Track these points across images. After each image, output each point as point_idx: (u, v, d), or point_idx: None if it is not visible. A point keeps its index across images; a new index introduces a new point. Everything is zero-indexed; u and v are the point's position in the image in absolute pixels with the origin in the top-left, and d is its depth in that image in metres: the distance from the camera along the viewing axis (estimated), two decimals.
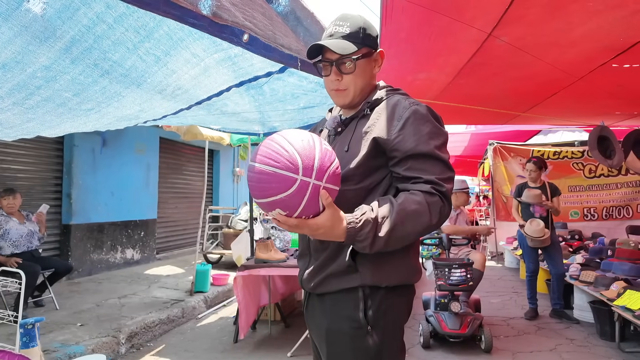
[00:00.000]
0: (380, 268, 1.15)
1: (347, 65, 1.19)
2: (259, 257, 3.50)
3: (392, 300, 1.17)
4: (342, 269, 1.16)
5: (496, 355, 3.40)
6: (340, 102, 1.26)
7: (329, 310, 1.20)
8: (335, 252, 1.17)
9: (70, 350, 3.08)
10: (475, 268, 3.75)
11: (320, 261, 1.20)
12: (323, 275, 1.19)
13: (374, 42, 1.23)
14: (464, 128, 8.60)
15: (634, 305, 3.22)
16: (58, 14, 1.49)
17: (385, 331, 1.16)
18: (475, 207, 11.59)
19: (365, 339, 1.14)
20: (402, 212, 1.05)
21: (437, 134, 1.15)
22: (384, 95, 1.24)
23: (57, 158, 5.64)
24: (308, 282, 1.24)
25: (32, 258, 4.22)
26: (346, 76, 1.21)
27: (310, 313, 1.29)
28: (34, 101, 2.18)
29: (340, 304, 1.17)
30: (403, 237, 1.07)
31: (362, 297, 1.15)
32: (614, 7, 2.11)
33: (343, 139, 1.24)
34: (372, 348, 1.14)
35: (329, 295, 1.20)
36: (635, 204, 6.36)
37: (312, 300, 1.28)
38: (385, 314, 1.16)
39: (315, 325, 1.27)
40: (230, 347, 3.58)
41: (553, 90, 3.60)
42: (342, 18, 1.22)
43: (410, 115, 1.14)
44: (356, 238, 1.05)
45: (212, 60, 2.02)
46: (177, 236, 8.27)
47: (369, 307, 1.15)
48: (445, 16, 2.33)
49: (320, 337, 1.24)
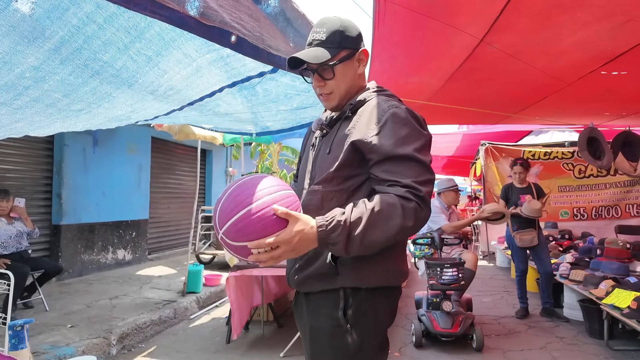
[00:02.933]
0: (361, 271, 1.16)
1: (326, 72, 1.21)
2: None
3: (373, 301, 1.19)
4: (323, 271, 1.18)
5: (487, 354, 3.43)
6: (329, 105, 1.29)
7: (312, 308, 1.24)
8: (314, 253, 1.18)
9: (60, 352, 3.05)
10: (467, 267, 3.78)
11: (304, 261, 1.23)
12: (305, 275, 1.22)
13: (354, 42, 1.23)
14: (456, 128, 8.65)
15: (622, 303, 3.27)
16: (47, 14, 1.47)
17: (365, 331, 1.17)
18: (467, 207, 11.68)
19: (344, 338, 1.16)
20: (374, 214, 1.04)
21: (415, 136, 1.14)
22: (367, 96, 1.24)
23: (47, 157, 5.57)
24: (292, 280, 1.28)
25: (21, 259, 4.17)
26: (328, 81, 1.23)
27: (299, 311, 1.33)
28: (23, 102, 2.16)
29: (322, 302, 1.21)
30: (377, 240, 1.05)
31: (342, 297, 1.18)
32: (602, 19, 2.15)
33: (327, 140, 1.26)
34: (351, 346, 1.16)
35: (313, 295, 1.24)
36: (624, 204, 6.45)
37: (300, 298, 1.31)
38: (366, 313, 1.18)
39: (302, 323, 1.31)
40: (222, 348, 3.57)
41: (544, 95, 3.65)
42: (319, 24, 1.23)
43: (388, 117, 1.14)
44: (328, 241, 1.05)
45: (204, 60, 2.01)
46: (169, 236, 8.22)
47: (350, 306, 1.17)
48: (437, 21, 2.35)
49: (304, 334, 1.28)
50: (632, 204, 6.39)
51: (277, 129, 4.07)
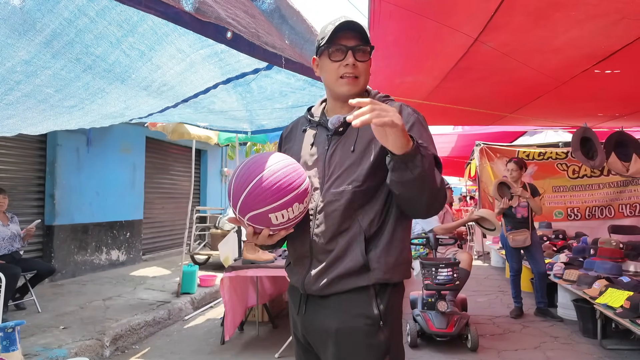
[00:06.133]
0: (389, 265, 1.17)
1: (364, 53, 1.22)
2: (247, 257, 3.47)
3: (396, 295, 1.22)
4: (355, 269, 1.16)
5: (482, 354, 3.44)
6: (350, 90, 1.22)
7: (338, 310, 1.18)
8: (343, 251, 1.16)
9: (52, 354, 3.01)
10: (462, 267, 3.78)
11: (328, 262, 1.18)
12: (332, 276, 1.17)
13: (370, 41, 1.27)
14: (451, 129, 8.69)
15: (615, 303, 3.28)
16: (38, 6, 1.45)
17: (393, 326, 1.20)
18: (462, 207, 11.72)
19: (378, 335, 1.16)
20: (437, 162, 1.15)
21: (433, 141, 1.24)
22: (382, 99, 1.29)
23: (39, 157, 5.51)
24: (313, 285, 1.20)
25: (12, 260, 4.11)
26: (360, 64, 1.22)
27: (311, 316, 1.24)
28: (14, 97, 2.13)
29: (352, 302, 1.17)
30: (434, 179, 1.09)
31: (374, 294, 1.17)
32: (596, 17, 2.17)
33: (346, 139, 1.23)
34: (384, 343, 1.16)
35: (335, 296, 1.18)
36: (617, 204, 6.50)
37: (313, 302, 1.24)
38: (393, 309, 1.20)
39: (317, 328, 1.23)
40: (217, 349, 3.54)
41: (538, 94, 3.67)
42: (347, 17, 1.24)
43: (415, 121, 1.22)
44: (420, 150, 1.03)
45: (198, 56, 2.00)
46: (164, 237, 8.16)
47: (379, 303, 1.17)
48: (432, 21, 2.35)
49: (326, 338, 1.20)
50: (625, 204, 6.44)
51: (273, 127, 4.06)
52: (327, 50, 1.22)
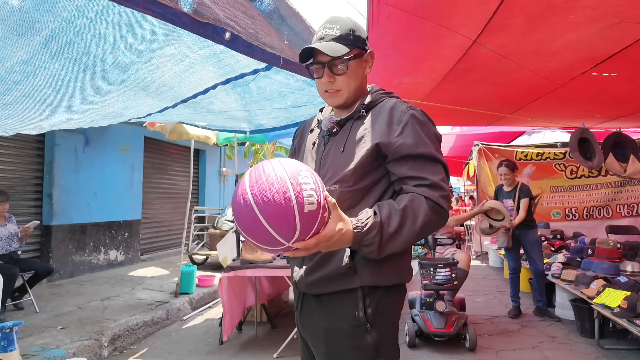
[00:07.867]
0: (378, 269, 1.16)
1: (339, 66, 1.20)
2: (245, 257, 3.47)
3: (388, 299, 1.19)
4: (341, 271, 1.16)
5: (480, 354, 3.44)
6: (334, 102, 1.26)
7: (328, 309, 1.20)
8: (326, 253, 1.16)
9: (50, 354, 3.00)
10: (460, 267, 3.79)
11: (315, 261, 1.19)
12: (319, 276, 1.18)
13: (364, 43, 1.25)
14: (450, 129, 8.69)
15: (612, 302, 3.30)
16: (36, 7, 1.45)
17: (383, 329, 1.18)
18: (460, 207, 11.75)
19: (365, 337, 1.15)
20: (404, 214, 1.08)
21: (435, 137, 1.20)
22: (378, 97, 1.26)
23: (37, 157, 5.50)
24: (302, 282, 1.23)
25: (10, 260, 4.11)
26: (339, 77, 1.22)
27: (306, 313, 1.27)
28: (13, 97, 2.12)
29: (340, 303, 1.18)
30: (408, 239, 1.09)
31: (361, 297, 1.16)
32: (593, 20, 2.18)
33: (338, 140, 1.24)
34: (371, 346, 1.15)
35: (326, 296, 1.20)
36: (615, 204, 6.53)
37: (308, 300, 1.26)
38: (383, 312, 1.18)
39: (311, 326, 1.25)
40: (215, 349, 3.54)
41: (536, 96, 3.68)
42: (332, 21, 1.23)
43: (409, 118, 1.17)
44: (362, 242, 1.05)
45: (197, 56, 2.00)
46: (162, 237, 8.15)
47: (368, 305, 1.16)
48: (431, 22, 2.36)
49: (317, 337, 1.22)
50: (622, 205, 6.47)
51: (271, 127, 4.06)
52: (309, 67, 1.25)
